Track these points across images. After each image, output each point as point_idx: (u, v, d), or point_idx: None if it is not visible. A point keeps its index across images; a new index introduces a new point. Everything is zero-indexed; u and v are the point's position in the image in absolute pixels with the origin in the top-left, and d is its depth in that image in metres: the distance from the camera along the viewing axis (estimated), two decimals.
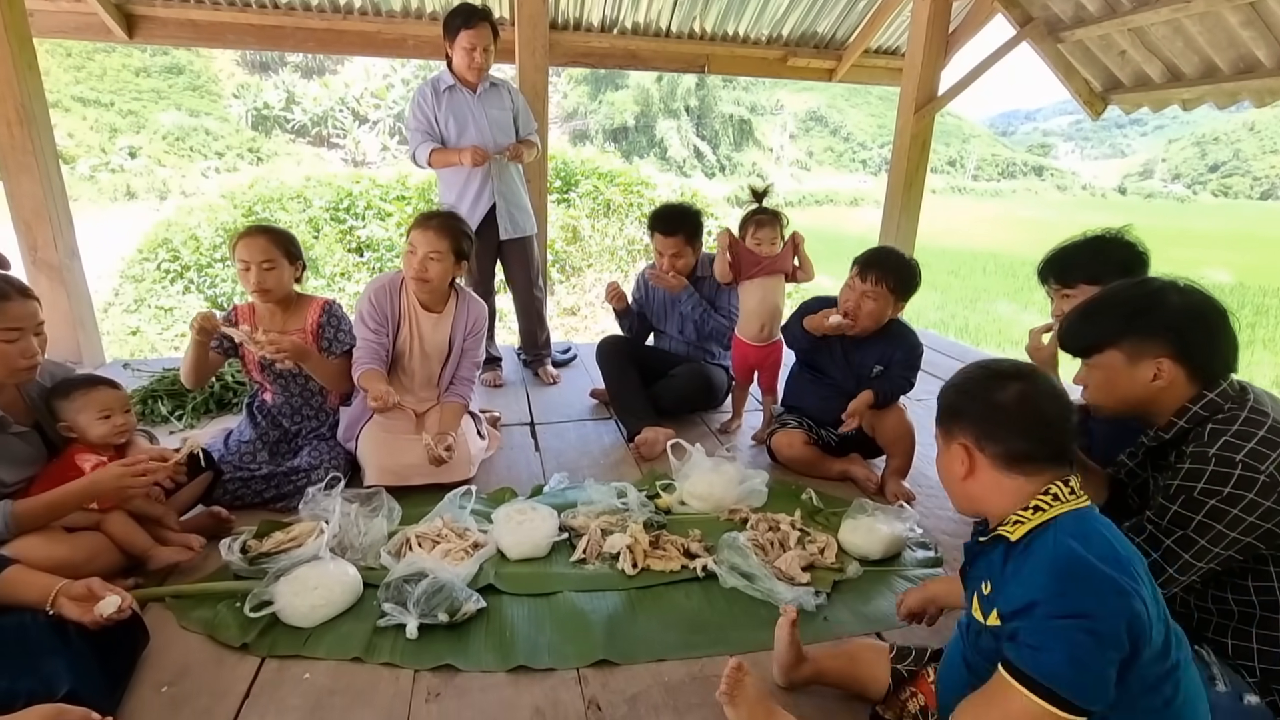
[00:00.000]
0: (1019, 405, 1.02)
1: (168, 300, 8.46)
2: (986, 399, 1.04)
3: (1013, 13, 3.98)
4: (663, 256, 2.84)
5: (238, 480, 2.10)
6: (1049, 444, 1.02)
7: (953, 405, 1.10)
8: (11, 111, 3.08)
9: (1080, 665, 0.87)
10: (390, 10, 4.08)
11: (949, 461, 1.09)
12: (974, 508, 1.11)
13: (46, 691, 1.13)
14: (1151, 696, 0.93)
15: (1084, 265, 1.79)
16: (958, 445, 1.07)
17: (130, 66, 24.71)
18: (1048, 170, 47.10)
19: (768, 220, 2.61)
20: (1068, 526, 0.96)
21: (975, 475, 1.06)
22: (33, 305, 1.61)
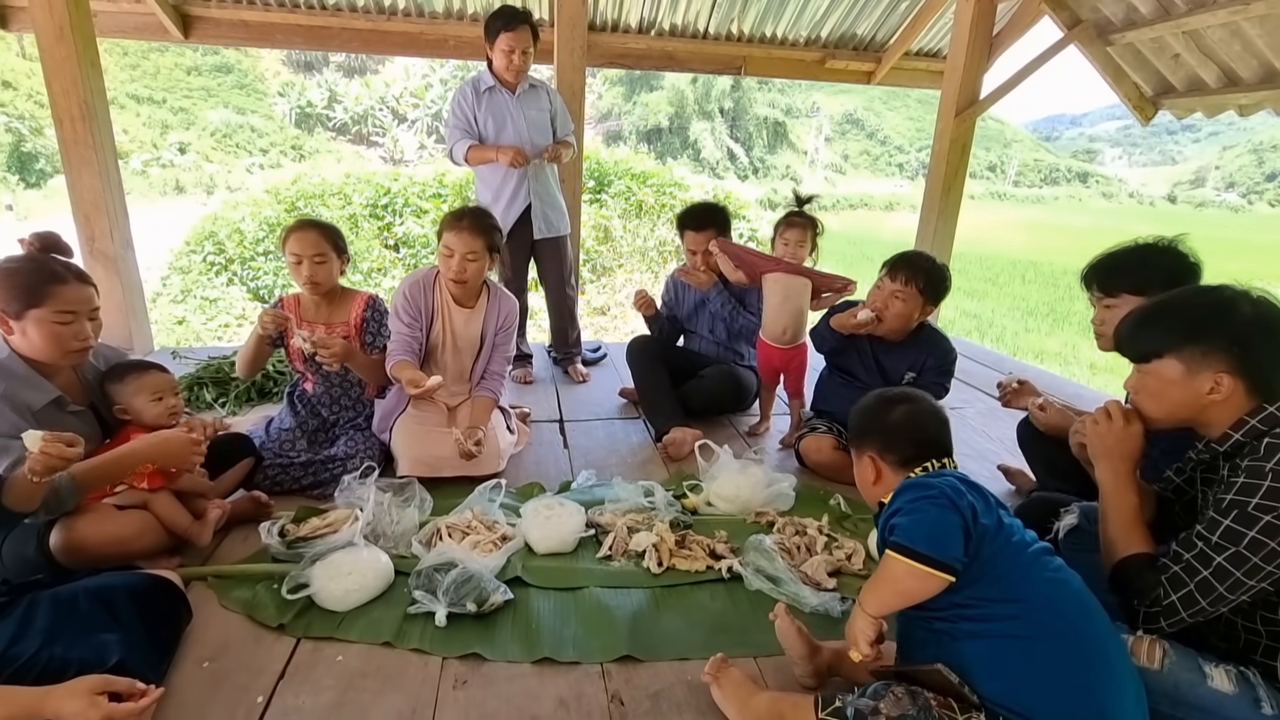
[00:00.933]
0: (907, 422, 1.30)
1: (212, 292, 8.75)
2: (882, 419, 1.32)
3: (1060, 15, 3.88)
4: (694, 254, 2.85)
5: (277, 466, 2.17)
6: (931, 447, 1.29)
7: (860, 427, 1.37)
8: (75, 108, 3.22)
9: (927, 523, 1.12)
10: (433, 11, 4.16)
11: (861, 470, 1.35)
12: (875, 500, 1.33)
13: (97, 660, 1.18)
14: (1000, 569, 1.13)
15: (1130, 274, 1.74)
16: (867, 458, 1.33)
17: (182, 65, 25.62)
18: (1093, 177, 45.69)
19: (798, 222, 2.60)
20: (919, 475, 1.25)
21: (882, 478, 1.31)
22: (88, 290, 1.68)
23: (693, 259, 2.88)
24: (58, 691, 1.09)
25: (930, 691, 1.11)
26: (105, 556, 1.56)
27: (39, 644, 1.17)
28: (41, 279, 1.59)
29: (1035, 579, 1.13)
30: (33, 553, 1.51)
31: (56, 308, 1.59)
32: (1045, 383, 2.72)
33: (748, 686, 1.35)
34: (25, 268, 1.60)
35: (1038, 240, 21.90)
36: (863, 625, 1.18)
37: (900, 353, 2.32)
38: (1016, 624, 1.10)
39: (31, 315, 1.57)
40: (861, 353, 2.38)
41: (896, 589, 1.15)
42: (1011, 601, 1.11)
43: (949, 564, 1.08)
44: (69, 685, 1.10)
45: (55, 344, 1.61)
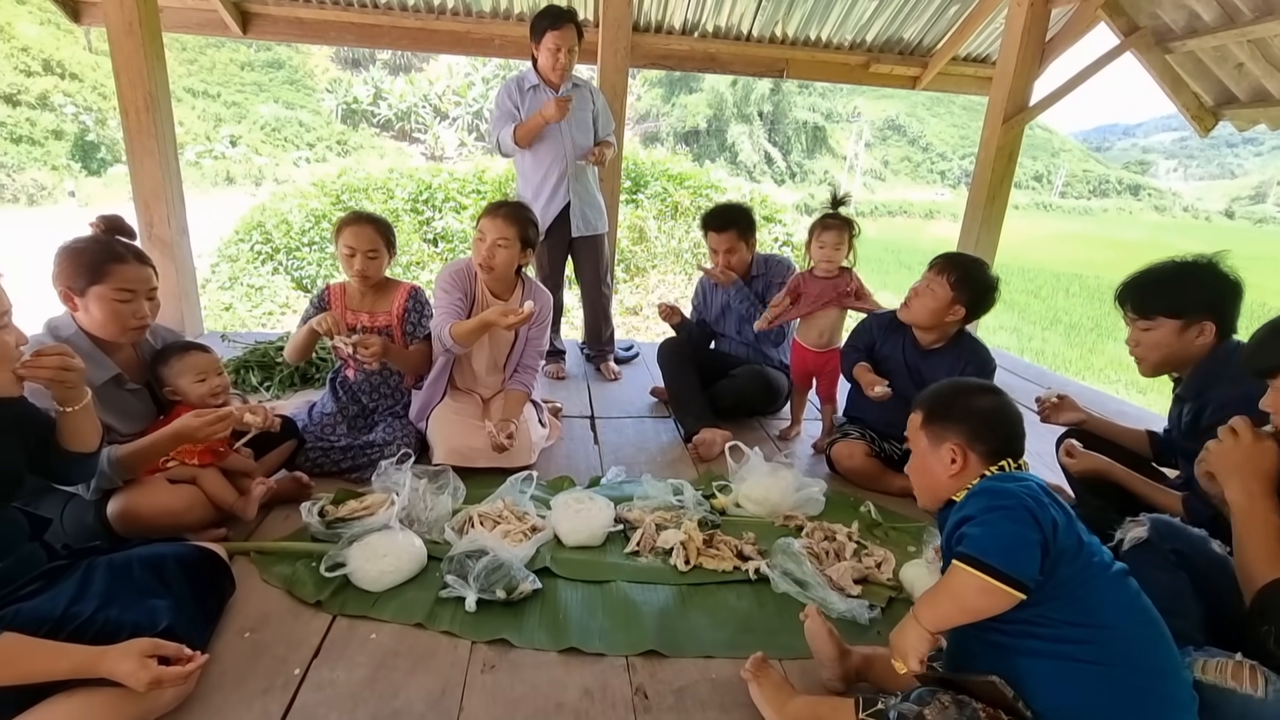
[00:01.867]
0: (998, 413, 1.24)
1: (258, 280, 9.04)
2: (972, 407, 1.25)
3: (1117, 21, 3.77)
4: (717, 254, 2.86)
5: (318, 449, 2.24)
6: (1015, 443, 1.23)
7: (943, 412, 1.27)
8: (140, 99, 3.37)
9: (1004, 537, 1.05)
10: (480, 11, 4.24)
11: (937, 459, 1.25)
12: (944, 496, 1.25)
13: (149, 624, 1.24)
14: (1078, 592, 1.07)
15: (1166, 295, 1.68)
16: (950, 446, 1.23)
17: (237, 60, 26.51)
18: (1145, 189, 44.09)
19: (835, 225, 2.53)
20: (996, 477, 1.18)
21: (967, 468, 1.22)
22: (147, 271, 1.75)
23: (715, 259, 2.88)
24: (112, 652, 1.14)
25: (980, 702, 1.07)
26: (157, 527, 1.64)
27: (95, 606, 1.23)
28: (104, 258, 1.67)
29: (1114, 604, 1.08)
30: (91, 520, 1.59)
31: (116, 285, 1.67)
32: (1087, 399, 2.65)
33: (786, 689, 1.33)
34: (90, 247, 1.69)
35: (1084, 253, 21.25)
36: (915, 640, 1.12)
37: (937, 360, 2.29)
38: (1091, 649, 1.05)
39: (93, 292, 1.65)
40: (898, 359, 2.35)
41: (960, 604, 1.08)
42: (1088, 626, 1.06)
43: (1022, 581, 1.02)
44: (123, 647, 1.16)
45: (115, 320, 1.69)
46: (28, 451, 1.37)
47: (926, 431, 1.27)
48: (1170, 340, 1.68)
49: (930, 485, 1.28)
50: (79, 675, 1.13)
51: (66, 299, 1.68)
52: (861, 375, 2.36)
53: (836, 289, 2.57)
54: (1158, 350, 1.71)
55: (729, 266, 2.84)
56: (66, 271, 1.66)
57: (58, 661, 1.12)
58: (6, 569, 1.25)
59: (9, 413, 1.36)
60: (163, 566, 1.40)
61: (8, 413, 1.36)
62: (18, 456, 1.35)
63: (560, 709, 1.35)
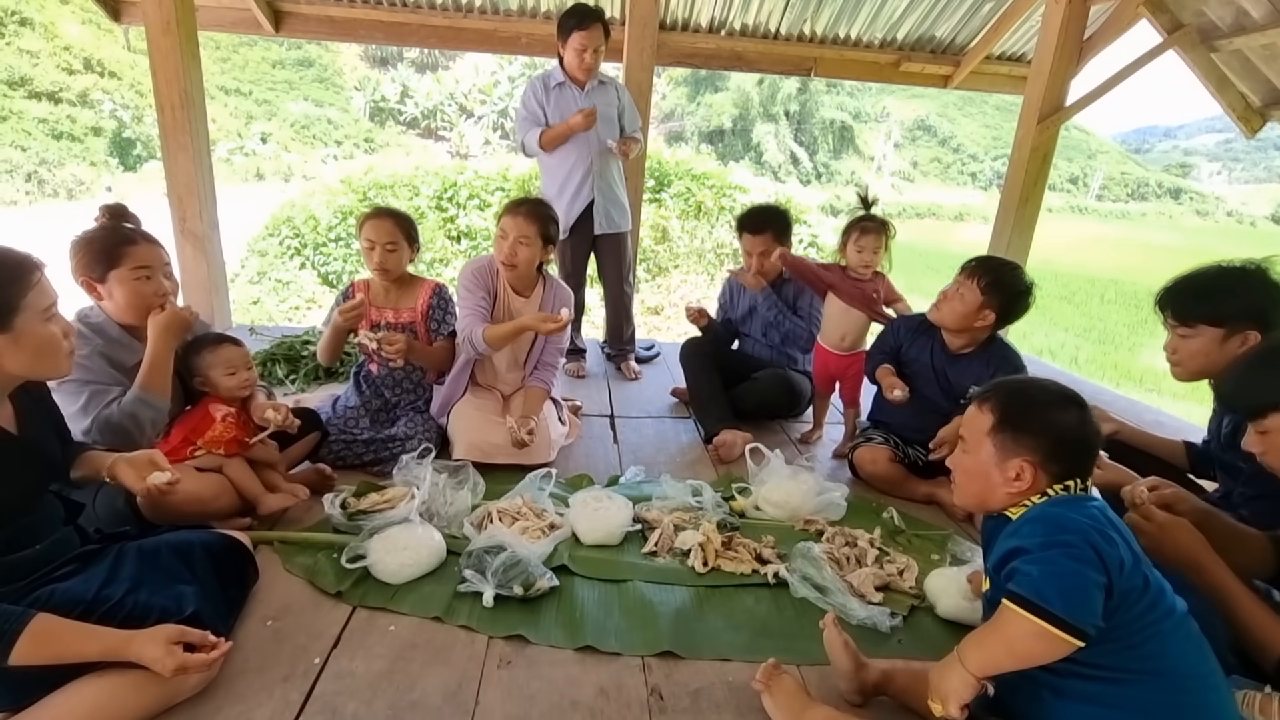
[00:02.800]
0: (1082, 431, 1.11)
1: (286, 275, 9.21)
2: (1056, 420, 1.11)
3: (1160, 19, 3.66)
4: (750, 256, 2.81)
5: (341, 442, 2.27)
6: (1089, 464, 1.13)
7: (1021, 421, 1.12)
8: (176, 96, 3.45)
9: (1064, 580, 0.96)
10: (508, 9, 4.26)
11: (1000, 470, 1.12)
12: (995, 506, 1.15)
13: (176, 609, 1.27)
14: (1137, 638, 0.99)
15: (1209, 301, 1.60)
16: (1021, 462, 1.10)
17: (268, 59, 26.99)
18: (1186, 193, 42.73)
19: (873, 228, 2.50)
20: (1058, 500, 1.08)
21: (1034, 485, 1.10)
22: (158, 249, 1.79)
23: (749, 261, 2.84)
24: (140, 637, 1.17)
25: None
26: (185, 514, 1.67)
27: (125, 589, 1.26)
28: (115, 242, 1.72)
29: (1176, 651, 1.00)
30: (122, 505, 1.63)
31: (133, 265, 1.71)
32: (1120, 409, 2.58)
33: (801, 698, 1.28)
34: (99, 235, 1.73)
35: (1121, 258, 20.71)
36: (959, 684, 1.04)
37: (966, 365, 2.24)
38: (1146, 695, 0.98)
39: (113, 276, 1.70)
40: (925, 363, 2.30)
41: (1012, 650, 1.00)
42: (1146, 675, 0.98)
43: (1082, 628, 0.94)
44: (150, 632, 1.18)
45: (138, 300, 1.73)
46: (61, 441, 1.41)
47: (994, 439, 1.13)
48: (1210, 349, 1.62)
49: (980, 492, 1.17)
50: (109, 658, 1.15)
51: (89, 289, 1.73)
52: (883, 377, 2.33)
53: (865, 294, 2.54)
54: (1196, 359, 1.64)
55: (762, 270, 2.80)
56: (83, 262, 1.71)
57: (89, 644, 1.14)
58: (44, 551, 1.29)
59: (47, 402, 1.40)
60: (190, 553, 1.43)
61: (46, 402, 1.40)
62: (56, 445, 1.39)
63: (575, 707, 1.35)
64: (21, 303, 1.16)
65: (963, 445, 1.21)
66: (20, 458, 1.26)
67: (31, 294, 1.17)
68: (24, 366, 1.21)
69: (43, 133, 17.36)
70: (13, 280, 1.15)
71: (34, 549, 1.27)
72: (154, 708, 1.22)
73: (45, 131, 17.45)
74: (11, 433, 1.25)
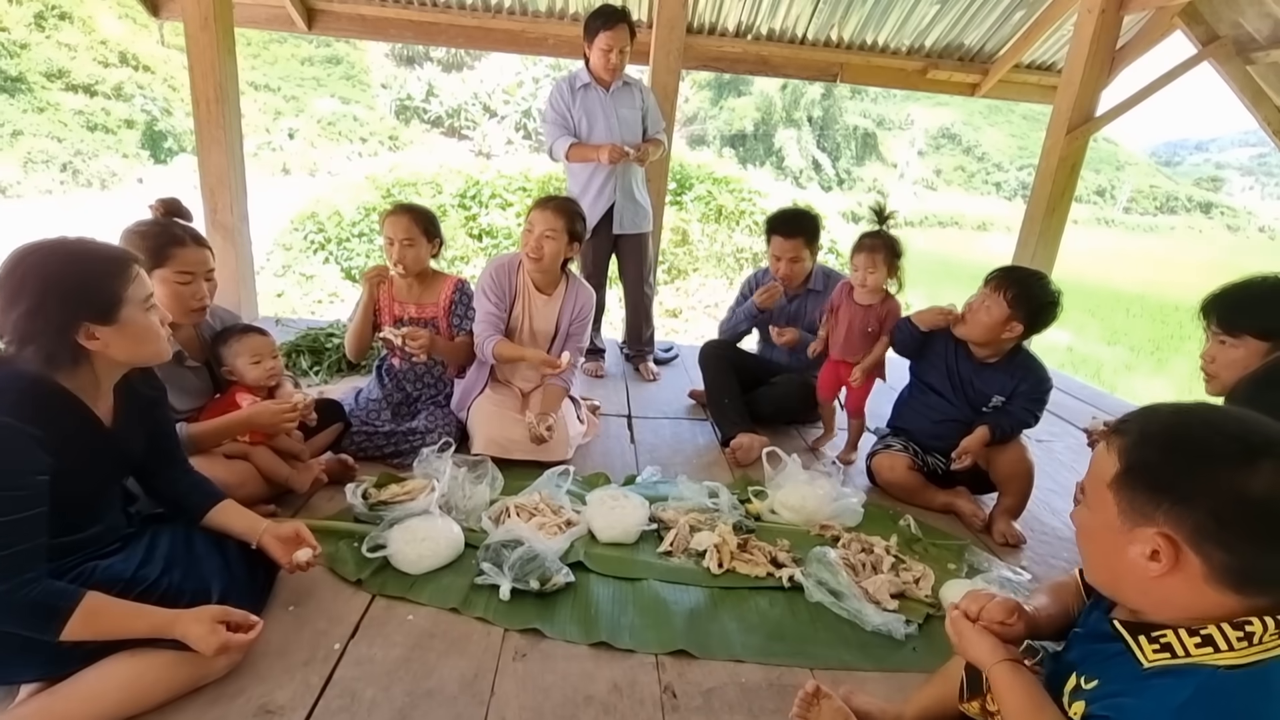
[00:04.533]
0: (1272, 498, 0.69)
1: (310, 268, 9.34)
2: (1228, 484, 0.71)
3: (1195, 30, 3.61)
4: (780, 261, 2.74)
5: (363, 434, 2.31)
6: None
7: (1166, 480, 0.75)
8: (211, 91, 3.52)
9: None
10: (536, 10, 4.30)
11: (1124, 545, 0.78)
12: (1128, 601, 0.83)
13: (206, 592, 1.31)
14: None
15: (1258, 314, 1.57)
16: (1156, 534, 0.75)
17: (297, 56, 27.40)
18: (1217, 208, 41.79)
19: (867, 244, 2.38)
20: (1217, 700, 0.70)
21: (1168, 578, 0.75)
22: (205, 253, 1.83)
23: (776, 265, 2.78)
24: (185, 616, 1.22)
25: None
26: None
27: (160, 570, 1.30)
28: (165, 241, 1.75)
29: None
30: None
31: (177, 268, 1.75)
32: None
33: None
34: (151, 231, 1.77)
35: (1148, 272, 20.31)
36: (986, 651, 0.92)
37: (991, 375, 2.22)
38: None
39: (156, 275, 1.72)
40: (949, 369, 2.27)
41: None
42: None
43: None
44: (195, 612, 1.24)
45: (176, 302, 1.76)
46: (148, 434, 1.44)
47: (1118, 494, 0.78)
48: (1252, 362, 1.59)
49: (1109, 570, 0.84)
50: (154, 635, 1.20)
51: None
52: (922, 314, 2.25)
53: (865, 321, 2.44)
54: (1234, 370, 1.61)
55: (789, 275, 2.75)
56: None
57: (136, 622, 1.20)
58: (99, 532, 1.33)
59: (156, 408, 1.44)
60: (223, 540, 1.48)
61: (155, 408, 1.43)
62: (143, 444, 1.41)
63: (589, 701, 1.36)
64: (125, 295, 1.22)
65: (1082, 496, 0.88)
66: (107, 451, 1.30)
67: (132, 286, 1.23)
68: (129, 354, 1.26)
69: (78, 124, 17.78)
70: (115, 274, 1.21)
71: (94, 529, 1.32)
72: (183, 686, 1.26)
73: (81, 123, 17.88)
74: (105, 426, 1.29)
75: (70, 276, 1.17)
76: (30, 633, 1.10)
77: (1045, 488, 2.42)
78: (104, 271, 1.20)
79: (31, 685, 1.21)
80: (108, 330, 1.19)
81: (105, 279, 1.20)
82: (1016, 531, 2.15)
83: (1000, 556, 2.03)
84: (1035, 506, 2.30)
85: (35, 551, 1.11)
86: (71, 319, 1.16)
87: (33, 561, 1.10)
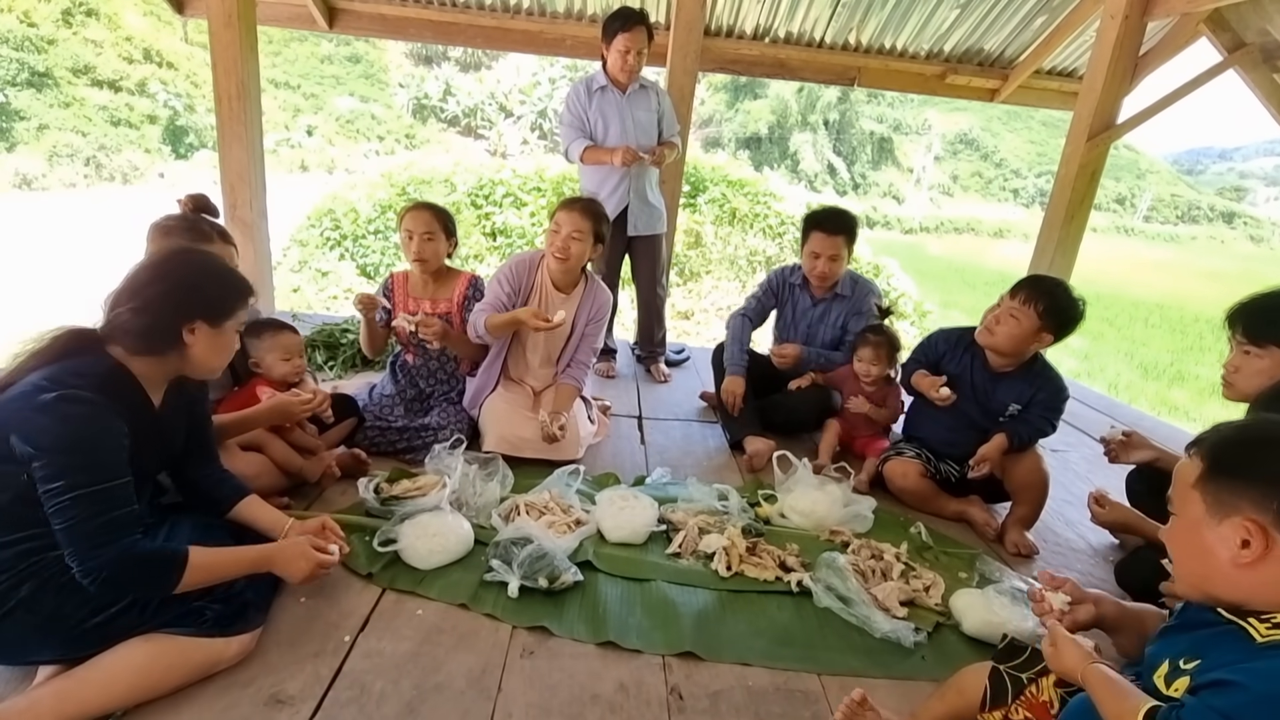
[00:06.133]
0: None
1: (326, 265, 9.43)
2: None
3: (1221, 37, 3.56)
4: (818, 259, 2.65)
5: (376, 429, 2.33)
6: None
7: (1245, 470, 0.83)
8: (234, 88, 3.57)
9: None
10: (554, 11, 4.32)
11: (1215, 538, 0.85)
12: (1224, 597, 0.86)
13: (225, 584, 1.33)
14: None
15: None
16: (1242, 522, 0.82)
17: (317, 55, 27.70)
18: (1240, 217, 41.12)
19: (872, 341, 2.57)
20: None
21: (1262, 564, 0.81)
22: (230, 249, 1.88)
23: (813, 264, 2.68)
24: (287, 548, 1.41)
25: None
26: None
27: None
28: (192, 237, 1.81)
29: None
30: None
31: None
32: (1162, 435, 2.50)
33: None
34: (179, 225, 1.81)
35: (1168, 282, 20.05)
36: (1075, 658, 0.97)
37: (1008, 383, 2.20)
38: None
39: None
40: (966, 379, 2.26)
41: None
42: None
43: None
44: (291, 542, 1.42)
45: None
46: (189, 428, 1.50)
47: (1204, 492, 0.87)
48: (1274, 373, 1.57)
49: (1201, 574, 0.89)
50: (257, 570, 1.37)
51: None
52: (920, 380, 2.30)
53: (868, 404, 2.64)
54: (1257, 380, 1.59)
55: (826, 274, 2.68)
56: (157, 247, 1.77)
57: (238, 566, 1.35)
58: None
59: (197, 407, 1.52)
60: (238, 531, 1.51)
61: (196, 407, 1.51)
62: (183, 438, 1.47)
63: (596, 700, 1.36)
64: (235, 313, 1.39)
65: (1172, 510, 0.95)
66: (157, 439, 1.37)
67: (241, 310, 1.41)
68: (204, 359, 1.37)
69: (102, 119, 18.08)
70: (239, 295, 1.40)
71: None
72: (196, 674, 1.28)
73: (105, 118, 18.18)
74: (158, 416, 1.37)
75: (210, 279, 1.36)
76: (151, 588, 1.23)
77: (1059, 498, 2.39)
78: (234, 289, 1.39)
79: (48, 669, 1.24)
80: (208, 333, 1.34)
81: (232, 294, 1.38)
82: (1029, 542, 2.13)
83: (1012, 566, 2.01)
84: (1049, 517, 2.27)
85: (134, 515, 1.21)
86: (191, 310, 1.31)
87: (133, 523, 1.21)
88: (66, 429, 1.14)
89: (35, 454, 1.12)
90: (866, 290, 2.79)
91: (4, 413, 1.16)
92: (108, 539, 1.15)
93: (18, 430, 1.13)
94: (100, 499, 1.15)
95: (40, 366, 1.21)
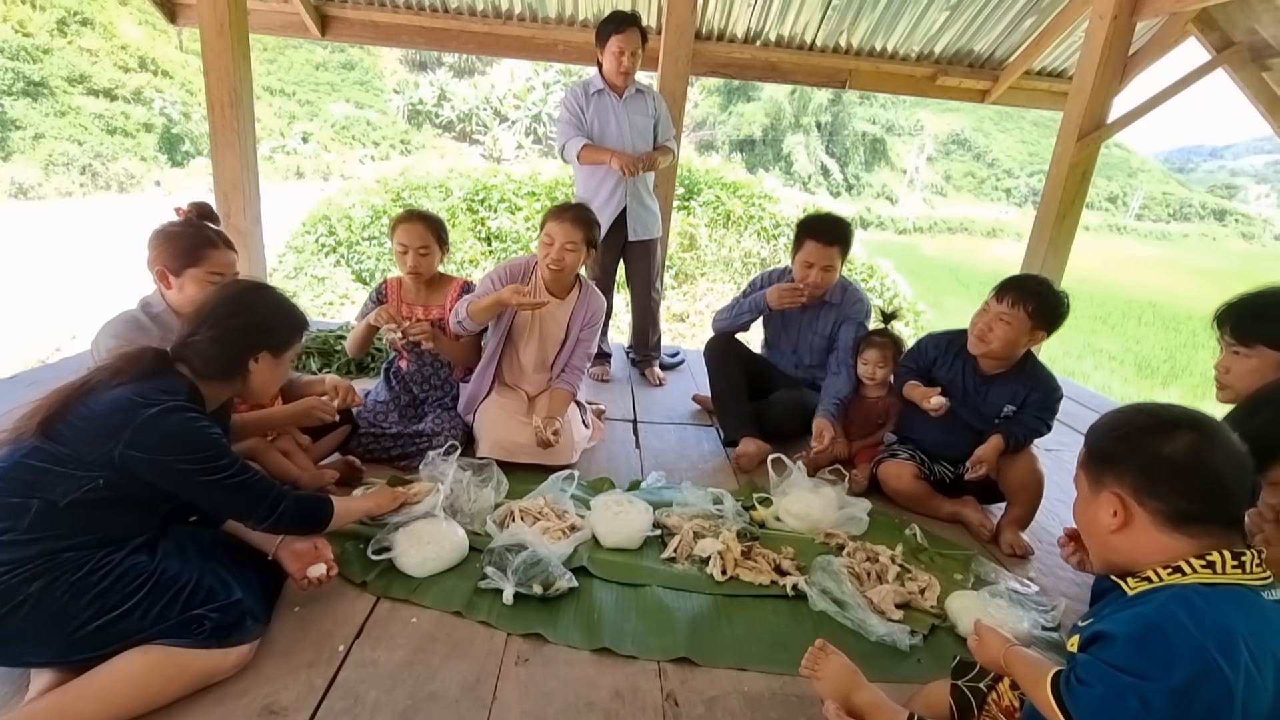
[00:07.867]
0: (1190, 459, 0.91)
1: (321, 271, 9.42)
2: (1149, 446, 0.94)
3: (1209, 36, 3.58)
4: (811, 268, 2.55)
5: (370, 436, 2.32)
6: (1221, 505, 0.92)
7: (1107, 452, 0.99)
8: (226, 95, 3.57)
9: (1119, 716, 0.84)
10: (545, 17, 4.32)
11: (1095, 511, 0.99)
12: (1117, 562, 0.99)
13: (225, 591, 1.34)
14: None
15: (1273, 323, 1.56)
16: (1109, 495, 0.96)
17: (312, 61, 27.72)
18: (1231, 215, 41.34)
19: (878, 342, 2.58)
20: (1188, 597, 0.87)
21: (1128, 529, 0.95)
22: (232, 256, 1.89)
23: (805, 272, 2.57)
24: (371, 495, 1.77)
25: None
26: None
27: (180, 567, 1.33)
28: (199, 242, 1.81)
29: None
30: None
31: (209, 269, 1.81)
32: None
33: (850, 677, 1.25)
34: (185, 232, 1.82)
35: (1160, 280, 20.15)
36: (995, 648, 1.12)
37: (1001, 384, 2.20)
38: None
39: (189, 274, 1.79)
40: (958, 384, 2.26)
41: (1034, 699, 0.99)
42: None
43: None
44: (376, 492, 1.79)
45: None
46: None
47: (1085, 471, 1.04)
48: (1267, 374, 1.57)
49: (1097, 547, 1.03)
50: (372, 514, 1.75)
51: (162, 278, 1.81)
52: (912, 391, 2.30)
53: (873, 414, 2.64)
54: (1247, 380, 1.59)
55: (819, 284, 2.58)
56: (163, 254, 1.79)
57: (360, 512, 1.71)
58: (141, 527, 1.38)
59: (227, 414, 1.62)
60: (240, 548, 1.52)
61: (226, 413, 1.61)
62: None
63: (591, 708, 1.36)
64: (293, 346, 1.56)
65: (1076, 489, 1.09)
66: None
67: (297, 344, 1.58)
68: (259, 385, 1.52)
69: (98, 128, 18.06)
70: (298, 329, 1.57)
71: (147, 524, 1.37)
72: (194, 685, 1.28)
73: (100, 127, 18.16)
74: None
75: (279, 315, 1.53)
76: (308, 529, 1.50)
77: (1054, 498, 2.39)
78: (296, 324, 1.56)
79: (42, 681, 1.23)
80: (269, 362, 1.50)
81: (294, 328, 1.56)
82: (1024, 542, 2.13)
83: (1008, 567, 2.02)
84: (1044, 517, 2.28)
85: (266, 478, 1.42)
86: (261, 342, 1.48)
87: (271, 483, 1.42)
88: (191, 431, 1.29)
89: (162, 461, 1.25)
90: (856, 298, 2.73)
91: (100, 425, 1.24)
92: (274, 493, 1.39)
93: (133, 442, 1.23)
94: (243, 473, 1.35)
95: (123, 384, 1.30)
